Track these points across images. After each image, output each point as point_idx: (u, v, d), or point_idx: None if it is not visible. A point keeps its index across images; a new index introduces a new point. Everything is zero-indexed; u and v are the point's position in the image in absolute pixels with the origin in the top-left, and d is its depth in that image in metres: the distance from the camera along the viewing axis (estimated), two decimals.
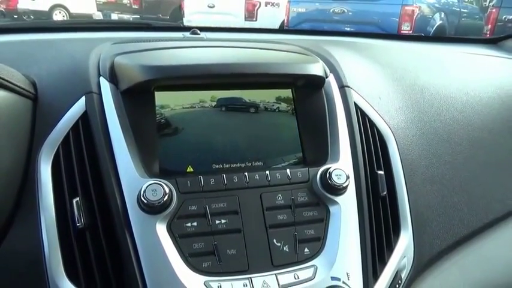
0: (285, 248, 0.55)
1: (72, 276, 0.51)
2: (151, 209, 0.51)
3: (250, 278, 0.52)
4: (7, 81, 0.53)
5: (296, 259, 0.55)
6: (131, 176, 0.54)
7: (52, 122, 0.58)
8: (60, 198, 0.54)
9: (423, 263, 0.65)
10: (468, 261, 0.70)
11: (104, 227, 0.52)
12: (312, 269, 0.55)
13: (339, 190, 0.58)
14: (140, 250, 0.51)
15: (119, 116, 0.57)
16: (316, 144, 0.64)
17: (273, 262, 0.54)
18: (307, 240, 0.56)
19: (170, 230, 0.53)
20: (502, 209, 0.75)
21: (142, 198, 0.51)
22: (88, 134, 0.56)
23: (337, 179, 0.58)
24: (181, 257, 0.51)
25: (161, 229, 0.52)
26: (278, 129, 0.65)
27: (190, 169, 0.59)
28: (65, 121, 0.57)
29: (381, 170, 0.66)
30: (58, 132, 0.57)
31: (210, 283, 0.51)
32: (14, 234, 0.54)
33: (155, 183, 0.52)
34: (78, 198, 0.53)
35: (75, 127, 0.57)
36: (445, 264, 0.69)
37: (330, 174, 0.58)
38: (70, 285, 0.50)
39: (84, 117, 0.57)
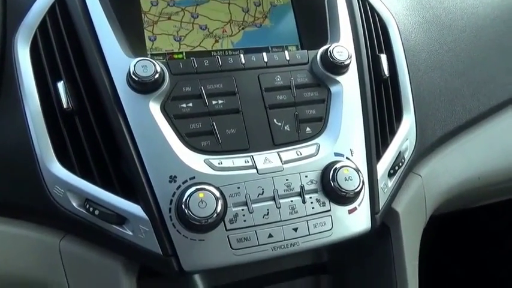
0: (286, 128, 0.53)
1: (65, 162, 0.49)
2: (143, 87, 0.48)
3: (252, 155, 0.51)
4: None
5: (298, 138, 0.53)
6: (118, 56, 0.50)
7: (26, 5, 0.53)
8: (43, 83, 0.50)
9: (425, 147, 0.64)
10: (470, 147, 0.70)
11: (94, 109, 0.49)
12: (314, 147, 0.53)
13: (340, 68, 0.55)
14: (135, 131, 0.48)
15: None
16: (315, 29, 0.61)
17: (274, 141, 0.52)
18: (308, 120, 0.54)
19: (164, 110, 0.50)
20: (503, 95, 0.73)
21: (133, 76, 0.47)
22: (67, 16, 0.52)
23: (339, 56, 0.55)
24: (178, 137, 0.49)
25: (155, 109, 0.49)
26: (275, 16, 0.60)
27: (180, 55, 0.55)
28: (39, 4, 0.52)
29: (382, 52, 0.63)
30: (33, 16, 0.52)
31: (211, 160, 0.49)
32: (0, 126, 0.51)
33: (145, 59, 0.48)
34: (62, 82, 0.49)
35: (51, 10, 0.52)
36: (447, 149, 0.68)
37: (331, 52, 0.55)
38: (62, 169, 0.48)
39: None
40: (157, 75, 0.48)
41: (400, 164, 0.59)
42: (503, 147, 0.73)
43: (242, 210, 0.48)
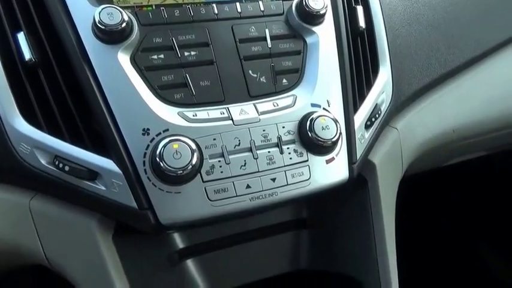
0: (262, 79, 0.52)
1: (30, 118, 0.46)
2: (110, 36, 0.46)
3: (227, 107, 0.49)
4: None
5: (274, 89, 0.52)
6: (81, 4, 0.47)
7: None
8: (2, 35, 0.47)
9: (401, 100, 0.65)
10: (445, 100, 0.70)
11: (58, 61, 0.47)
12: (291, 98, 0.52)
13: (316, 18, 0.54)
14: (104, 83, 0.46)
15: None
16: None
17: (250, 93, 0.51)
18: (284, 71, 0.53)
19: (135, 62, 0.47)
20: (478, 49, 0.73)
21: (98, 24, 0.45)
22: None
23: (314, 5, 0.53)
24: (150, 90, 0.47)
25: (124, 61, 0.47)
26: None
27: (150, 7, 0.53)
28: None
29: (359, 4, 0.62)
30: None
31: (185, 113, 0.47)
32: None
33: (111, 6, 0.45)
34: (22, 33, 0.46)
35: None
36: (423, 103, 0.69)
37: (307, 1, 0.53)
38: (27, 125, 0.45)
39: None
40: (124, 24, 0.45)
41: (377, 116, 0.58)
42: (477, 100, 0.74)
43: (219, 161, 0.47)
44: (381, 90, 0.61)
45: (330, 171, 0.52)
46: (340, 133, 0.51)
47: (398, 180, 0.65)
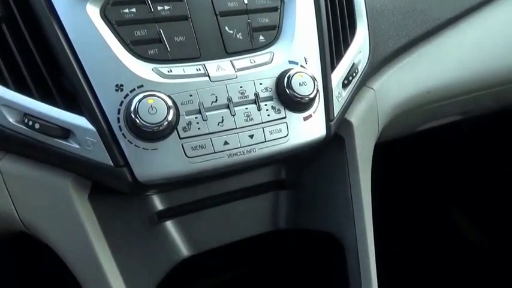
0: (238, 36, 0.51)
1: None
2: None
3: (203, 63, 0.48)
4: None
5: (251, 46, 0.51)
6: None
7: None
8: None
9: (378, 60, 0.65)
10: (421, 61, 0.71)
11: (23, 15, 0.44)
12: (268, 55, 0.51)
13: None
14: (73, 38, 0.44)
15: None
16: None
17: (227, 49, 0.50)
18: (261, 28, 0.52)
19: (105, 16, 0.45)
20: (453, 10, 0.74)
21: None
22: None
23: None
24: (122, 45, 0.45)
25: (94, 14, 0.45)
26: None
27: None
28: None
29: None
30: None
31: (159, 69, 0.46)
32: None
33: None
34: None
35: None
36: (399, 64, 0.69)
37: None
38: None
39: None
40: None
41: (354, 75, 0.59)
42: (452, 62, 0.75)
43: (196, 118, 0.46)
44: (358, 49, 0.61)
45: (308, 128, 0.52)
46: (317, 90, 0.51)
47: (374, 140, 0.66)
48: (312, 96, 0.50)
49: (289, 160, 0.65)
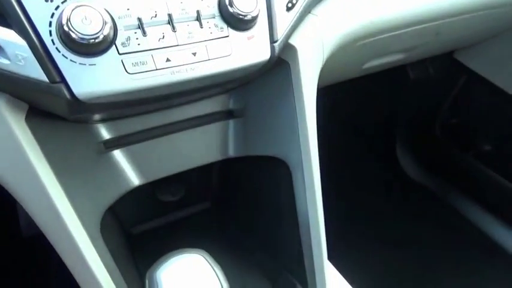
0: None
1: None
2: None
3: None
4: None
5: None
6: None
7: None
8: None
9: None
10: None
11: None
12: None
13: None
14: None
15: None
16: None
17: None
18: None
19: None
20: None
21: None
22: None
23: None
24: None
25: None
26: None
27: None
28: None
29: None
30: None
31: None
32: None
33: None
34: None
35: None
36: None
37: None
38: None
39: None
40: None
41: None
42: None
43: (135, 33, 0.45)
44: None
45: (252, 48, 0.52)
46: (259, 9, 0.50)
47: (319, 68, 0.68)
48: (254, 14, 0.50)
49: (236, 86, 0.65)
